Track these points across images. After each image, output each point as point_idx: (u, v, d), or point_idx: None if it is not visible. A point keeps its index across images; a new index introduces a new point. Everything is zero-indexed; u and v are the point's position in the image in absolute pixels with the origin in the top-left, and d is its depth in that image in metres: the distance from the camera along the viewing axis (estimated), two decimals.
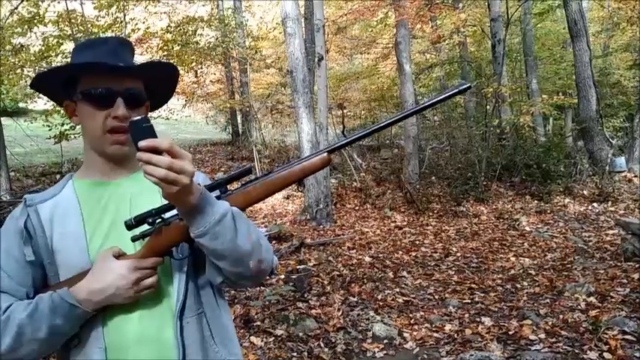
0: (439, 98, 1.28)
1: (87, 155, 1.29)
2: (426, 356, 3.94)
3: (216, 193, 1.18)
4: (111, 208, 1.24)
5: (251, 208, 10.12)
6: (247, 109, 16.06)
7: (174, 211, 1.12)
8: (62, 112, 10.88)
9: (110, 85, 1.19)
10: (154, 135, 1.00)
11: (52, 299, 1.11)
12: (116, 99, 1.19)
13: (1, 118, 8.31)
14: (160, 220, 1.13)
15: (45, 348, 1.14)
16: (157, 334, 1.19)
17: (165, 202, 1.11)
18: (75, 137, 11.56)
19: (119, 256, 1.16)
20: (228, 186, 1.21)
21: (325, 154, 1.25)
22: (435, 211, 9.51)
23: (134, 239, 1.16)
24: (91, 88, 1.19)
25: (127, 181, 1.28)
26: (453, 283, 5.69)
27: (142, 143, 0.97)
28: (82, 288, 1.12)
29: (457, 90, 1.24)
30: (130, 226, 1.12)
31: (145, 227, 1.14)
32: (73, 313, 1.11)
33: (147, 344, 1.18)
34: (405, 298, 5.20)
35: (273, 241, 7.61)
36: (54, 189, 1.28)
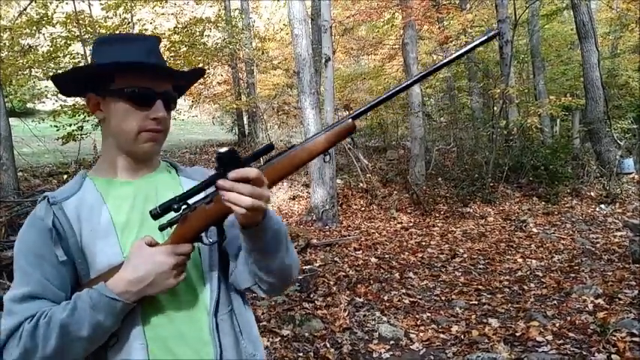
0: (467, 48, 1.18)
1: (109, 152, 1.27)
2: (432, 357, 3.93)
3: None
4: (138, 205, 1.23)
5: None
6: (254, 109, 16.10)
7: (198, 197, 1.12)
8: (70, 112, 10.94)
9: (151, 86, 1.19)
10: (239, 165, 1.03)
11: (90, 296, 1.09)
12: (156, 100, 1.20)
13: (10, 119, 8.36)
14: (185, 206, 1.12)
15: (90, 346, 1.11)
16: (194, 331, 1.20)
17: (187, 188, 1.12)
18: (82, 138, 11.63)
19: (152, 245, 1.15)
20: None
21: (350, 120, 1.16)
22: (442, 212, 9.48)
23: (162, 228, 1.14)
24: (133, 87, 1.18)
25: (151, 178, 1.28)
26: (460, 284, 5.67)
27: (232, 174, 1.01)
28: (119, 280, 1.10)
29: (486, 37, 1.15)
30: (155, 215, 1.10)
31: (171, 216, 1.14)
32: (113, 307, 1.09)
33: (185, 341, 1.19)
34: (411, 299, 5.19)
35: None
36: (70, 187, 1.24)
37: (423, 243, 7.61)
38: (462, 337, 4.21)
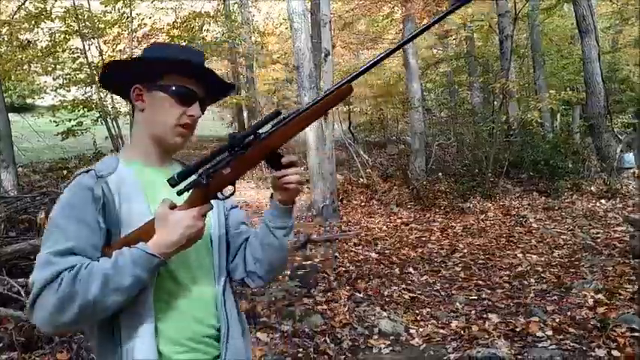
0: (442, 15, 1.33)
1: (141, 141, 1.41)
2: (432, 352, 3.92)
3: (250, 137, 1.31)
4: (167, 191, 1.32)
5: (257, 203, 10.12)
6: (253, 104, 16.07)
7: (208, 165, 1.29)
8: (69, 107, 10.91)
9: (194, 88, 1.38)
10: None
11: (131, 252, 1.20)
12: (195, 101, 1.39)
13: (9, 114, 8.34)
14: (204, 172, 1.28)
15: (124, 299, 1.20)
16: (203, 304, 1.37)
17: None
18: (82, 133, 11.61)
19: (173, 208, 1.27)
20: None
21: (345, 86, 1.33)
22: (442, 208, 9.47)
23: (180, 193, 1.27)
24: (180, 86, 1.36)
25: (172, 168, 1.44)
26: (460, 279, 5.66)
27: (286, 160, 1.32)
28: (157, 244, 1.22)
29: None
30: (173, 184, 1.25)
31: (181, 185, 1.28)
32: (151, 263, 1.21)
33: (193, 312, 1.34)
34: (411, 295, 5.19)
35: None
36: (107, 166, 1.34)
37: (423, 238, 7.61)
38: (462, 332, 4.20)
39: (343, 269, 6.01)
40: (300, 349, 3.90)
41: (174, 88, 1.35)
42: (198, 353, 1.34)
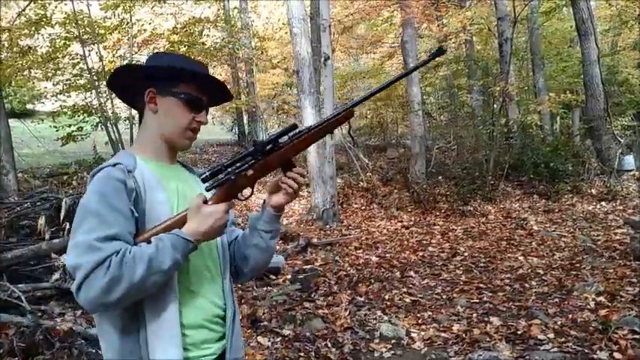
0: (421, 62, 1.61)
1: (152, 140, 1.55)
2: (434, 356, 3.92)
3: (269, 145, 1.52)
4: (183, 186, 1.55)
5: (257, 207, 10.08)
6: (253, 109, 16.08)
7: (235, 166, 1.49)
8: (70, 113, 10.89)
9: (203, 97, 1.55)
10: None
11: (169, 238, 1.34)
12: (204, 109, 1.56)
13: (9, 120, 8.35)
14: (232, 172, 1.47)
15: (163, 280, 1.34)
16: (214, 289, 1.54)
17: (200, 183, 1.54)
18: (82, 139, 11.62)
19: (205, 202, 1.44)
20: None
21: (351, 109, 1.58)
22: (442, 211, 9.47)
23: (209, 188, 1.48)
24: (192, 94, 1.52)
25: (179, 167, 1.64)
26: (461, 282, 5.66)
27: (297, 170, 1.54)
28: (192, 232, 1.38)
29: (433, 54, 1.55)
30: (205, 179, 1.47)
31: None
32: (187, 248, 1.36)
33: (207, 296, 1.51)
34: (412, 298, 5.18)
35: (280, 241, 7.61)
36: (128, 163, 1.44)
37: (424, 242, 7.60)
38: (464, 335, 4.20)
39: (344, 273, 6.01)
40: (302, 354, 3.90)
41: (186, 95, 1.51)
42: (211, 332, 1.51)
